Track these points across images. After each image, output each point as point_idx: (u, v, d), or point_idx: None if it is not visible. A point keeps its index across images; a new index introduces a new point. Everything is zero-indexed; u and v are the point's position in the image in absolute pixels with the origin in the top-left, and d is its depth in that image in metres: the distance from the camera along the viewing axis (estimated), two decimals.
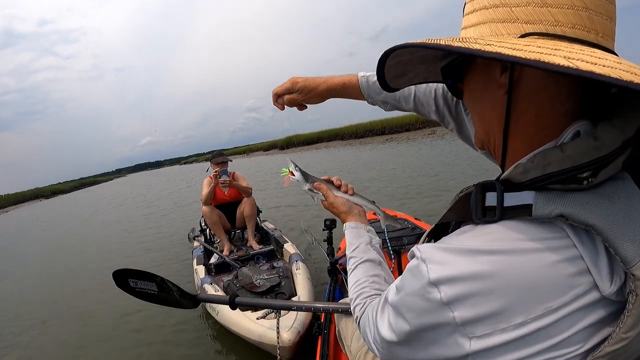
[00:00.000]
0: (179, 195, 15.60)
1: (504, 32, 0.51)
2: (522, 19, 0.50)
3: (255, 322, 2.50)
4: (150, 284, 1.71)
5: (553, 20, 0.48)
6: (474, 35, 0.54)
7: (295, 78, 1.06)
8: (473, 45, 0.46)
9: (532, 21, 0.49)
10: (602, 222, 0.44)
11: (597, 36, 0.48)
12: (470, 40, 0.48)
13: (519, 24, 0.50)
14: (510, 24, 0.50)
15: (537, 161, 0.49)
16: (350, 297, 0.85)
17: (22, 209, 34.13)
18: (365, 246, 0.96)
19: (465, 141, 0.96)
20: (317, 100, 1.09)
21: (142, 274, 1.71)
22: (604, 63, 0.39)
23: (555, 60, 0.38)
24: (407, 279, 0.55)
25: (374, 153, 17.62)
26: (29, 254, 9.31)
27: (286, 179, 1.12)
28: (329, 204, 1.08)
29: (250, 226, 4.37)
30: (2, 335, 4.15)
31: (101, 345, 3.40)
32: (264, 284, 2.99)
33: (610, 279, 0.45)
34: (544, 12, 0.48)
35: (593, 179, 0.45)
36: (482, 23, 0.54)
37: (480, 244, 0.49)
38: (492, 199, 0.52)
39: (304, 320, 2.48)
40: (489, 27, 0.53)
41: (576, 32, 0.48)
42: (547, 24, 0.48)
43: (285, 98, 1.08)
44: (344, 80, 1.05)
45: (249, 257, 3.92)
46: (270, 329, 2.35)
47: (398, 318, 0.57)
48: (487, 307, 0.46)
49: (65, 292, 5.28)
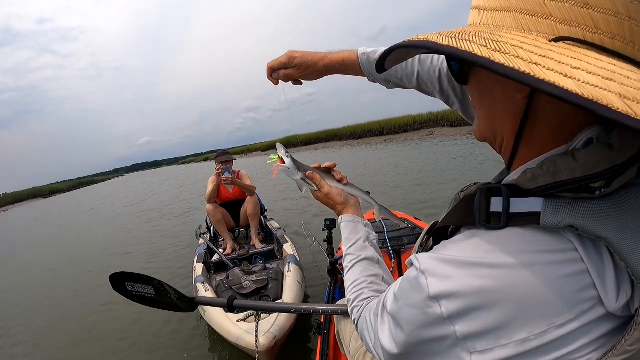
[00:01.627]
0: (186, 192, 15.71)
1: (532, 28, 0.45)
2: (557, 17, 0.43)
3: (234, 324, 2.48)
4: (148, 287, 1.70)
5: (593, 25, 0.42)
6: (494, 23, 0.48)
7: (292, 52, 0.99)
8: (519, 64, 0.37)
9: (569, 22, 0.43)
10: (614, 235, 0.42)
11: (634, 49, 0.43)
12: (494, 42, 0.41)
13: (552, 22, 0.44)
14: (542, 20, 0.44)
15: (546, 168, 0.47)
16: (348, 298, 0.83)
17: (20, 208, 34.02)
18: (363, 243, 0.91)
19: (470, 120, 0.88)
20: (314, 76, 1.03)
21: (139, 277, 1.69)
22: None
23: (615, 103, 0.34)
24: (406, 290, 0.55)
25: (373, 153, 17.65)
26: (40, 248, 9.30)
27: (275, 167, 1.02)
28: (323, 194, 1.00)
29: (254, 225, 4.37)
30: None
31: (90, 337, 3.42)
32: (249, 285, 3.00)
33: (616, 295, 0.43)
34: (584, 15, 0.42)
35: (606, 189, 0.43)
36: (505, 10, 0.47)
37: (482, 255, 0.47)
38: (497, 204, 0.49)
39: (283, 325, 2.43)
40: (513, 18, 0.46)
41: (615, 45, 0.42)
42: (586, 29, 0.42)
43: (281, 73, 1.01)
44: (344, 57, 0.98)
45: (248, 257, 3.93)
46: (247, 333, 2.34)
47: (397, 329, 0.56)
48: (489, 322, 0.45)
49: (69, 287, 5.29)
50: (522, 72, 0.36)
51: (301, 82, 1.05)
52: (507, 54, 0.39)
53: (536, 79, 0.35)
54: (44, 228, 13.74)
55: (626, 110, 0.33)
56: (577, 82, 0.35)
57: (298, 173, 1.00)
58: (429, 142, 17.85)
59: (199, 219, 6.78)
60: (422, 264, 0.51)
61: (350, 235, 0.93)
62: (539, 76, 0.35)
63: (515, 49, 0.39)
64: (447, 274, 0.48)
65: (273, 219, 5.07)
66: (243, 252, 4.00)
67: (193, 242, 5.20)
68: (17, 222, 19.89)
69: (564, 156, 0.46)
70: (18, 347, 3.75)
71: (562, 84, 0.34)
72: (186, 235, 6.82)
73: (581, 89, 0.34)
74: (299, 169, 1.01)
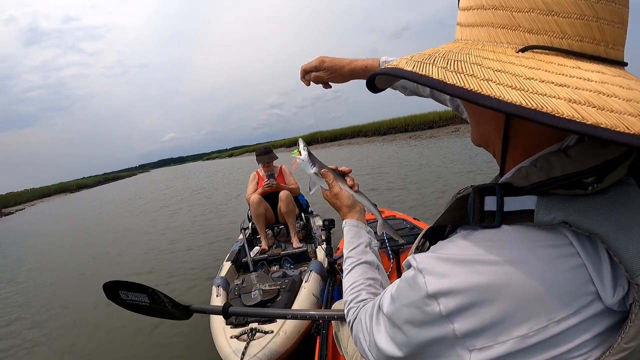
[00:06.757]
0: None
1: (503, 40, 0.48)
2: (525, 27, 0.46)
3: (226, 340, 2.27)
4: (142, 296, 1.68)
5: (559, 31, 0.44)
6: (471, 38, 0.51)
7: (323, 57, 1.10)
8: (469, 82, 0.41)
9: (536, 30, 0.45)
10: (606, 231, 0.43)
11: (607, 48, 0.45)
12: (455, 62, 0.44)
13: (520, 33, 0.46)
14: (511, 32, 0.47)
15: (539, 165, 0.48)
16: (345, 299, 0.84)
17: (49, 203, 35.11)
18: (364, 248, 0.93)
19: None
20: (340, 80, 1.12)
21: (133, 286, 1.70)
22: (611, 106, 0.36)
23: (561, 108, 0.36)
24: (403, 290, 0.54)
25: (398, 150, 17.30)
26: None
27: (294, 161, 1.11)
28: (332, 194, 1.04)
29: (290, 222, 4.14)
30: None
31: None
32: (256, 297, 2.69)
33: (613, 289, 0.44)
34: (550, 22, 0.44)
35: (599, 184, 0.44)
36: (479, 25, 0.50)
37: (479, 252, 0.48)
38: (491, 203, 0.50)
39: (276, 350, 2.15)
40: (487, 32, 0.49)
41: (584, 47, 0.44)
42: (553, 35, 0.45)
43: (312, 75, 1.12)
44: (367, 64, 1.08)
45: (278, 257, 3.72)
46: (234, 354, 2.12)
47: (395, 330, 0.56)
48: (488, 319, 0.45)
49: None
50: (469, 90, 0.40)
51: (330, 85, 1.15)
52: (462, 73, 0.42)
53: (480, 95, 0.39)
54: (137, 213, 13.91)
55: (572, 115, 0.35)
56: (524, 92, 0.38)
57: (313, 167, 1.06)
58: (455, 139, 17.34)
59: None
60: (419, 263, 0.51)
61: (353, 239, 0.95)
62: (484, 92, 0.39)
63: (474, 66, 0.43)
64: (444, 271, 0.48)
65: (318, 216, 4.80)
66: (276, 252, 3.79)
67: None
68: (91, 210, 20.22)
69: (556, 153, 0.48)
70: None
71: (507, 97, 0.38)
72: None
73: (526, 99, 0.37)
74: (313, 164, 1.06)
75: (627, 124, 0.35)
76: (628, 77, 0.42)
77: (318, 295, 2.74)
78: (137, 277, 5.29)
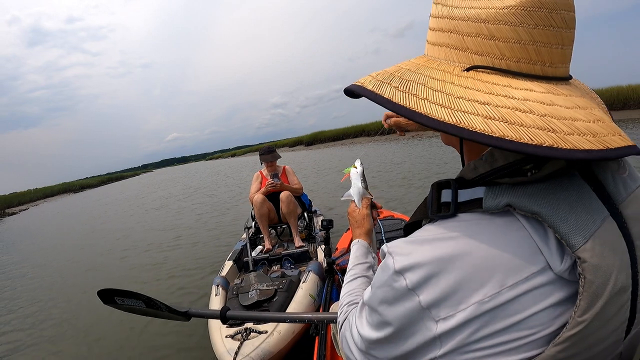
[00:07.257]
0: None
1: (455, 59, 0.55)
2: (472, 49, 0.53)
3: (221, 339, 2.28)
4: (137, 302, 1.66)
5: (499, 53, 0.51)
6: (433, 55, 0.59)
7: None
8: (410, 100, 0.51)
9: (481, 52, 0.52)
10: (546, 210, 0.47)
11: (544, 66, 0.51)
12: (414, 86, 0.53)
13: (468, 54, 0.53)
14: (461, 53, 0.54)
15: (485, 158, 0.54)
16: (341, 302, 0.88)
17: (53, 203, 35.13)
18: (368, 267, 0.99)
19: None
20: (414, 127, 1.16)
21: (128, 293, 1.66)
22: (522, 121, 0.44)
23: (475, 123, 0.45)
24: (378, 275, 0.59)
25: (399, 149, 17.27)
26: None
27: (345, 175, 1.23)
28: (361, 214, 1.14)
29: (292, 223, 4.15)
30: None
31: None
32: (252, 297, 2.70)
33: (560, 258, 0.47)
34: (492, 45, 0.51)
35: (536, 170, 0.49)
36: (439, 45, 0.58)
37: (438, 232, 0.54)
38: (446, 195, 0.57)
39: (269, 350, 2.16)
40: (444, 51, 0.57)
41: (520, 67, 0.51)
42: (494, 57, 0.52)
43: (392, 120, 1.18)
44: None
45: (279, 257, 3.74)
46: (228, 353, 2.15)
47: (373, 314, 0.59)
48: (448, 287, 0.49)
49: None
50: (407, 108, 0.49)
51: (404, 133, 1.24)
52: (408, 92, 0.51)
53: (414, 113, 0.49)
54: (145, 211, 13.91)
55: (483, 129, 0.44)
56: (450, 110, 0.47)
57: (362, 182, 1.18)
58: None
59: None
60: (390, 248, 0.56)
61: (361, 257, 1.02)
62: (418, 110, 0.49)
63: (418, 86, 0.52)
64: (410, 250, 0.53)
65: (322, 215, 4.80)
66: (277, 252, 3.81)
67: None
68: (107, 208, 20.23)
69: (499, 149, 0.50)
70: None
71: (435, 114, 0.47)
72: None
73: (449, 116, 0.46)
74: (364, 180, 1.19)
75: (531, 136, 0.42)
76: (557, 93, 0.49)
77: (315, 296, 2.75)
78: (140, 274, 5.39)
